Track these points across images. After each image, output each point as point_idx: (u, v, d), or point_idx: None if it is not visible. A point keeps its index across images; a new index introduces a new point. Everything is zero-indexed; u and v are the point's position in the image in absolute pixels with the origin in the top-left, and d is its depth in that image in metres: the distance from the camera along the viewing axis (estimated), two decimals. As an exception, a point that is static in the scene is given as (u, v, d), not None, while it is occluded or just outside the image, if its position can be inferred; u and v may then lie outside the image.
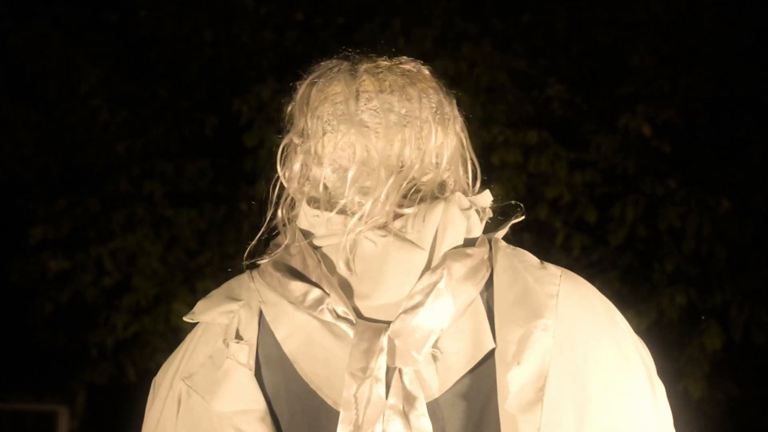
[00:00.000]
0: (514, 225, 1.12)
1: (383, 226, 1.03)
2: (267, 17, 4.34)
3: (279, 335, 1.03)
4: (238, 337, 1.04)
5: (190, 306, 1.04)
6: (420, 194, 1.06)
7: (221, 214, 4.29)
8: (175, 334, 4.21)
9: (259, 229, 1.10)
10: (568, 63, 4.17)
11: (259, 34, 4.35)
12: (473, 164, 1.14)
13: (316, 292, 1.02)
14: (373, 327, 1.00)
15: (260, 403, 1.02)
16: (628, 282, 3.89)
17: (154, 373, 1.12)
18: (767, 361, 4.15)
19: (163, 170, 4.31)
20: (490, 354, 1.01)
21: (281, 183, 1.11)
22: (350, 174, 1.05)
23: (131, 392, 4.74)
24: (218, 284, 1.14)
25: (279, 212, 1.10)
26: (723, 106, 3.94)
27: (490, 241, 1.08)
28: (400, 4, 4.25)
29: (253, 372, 1.03)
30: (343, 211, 1.05)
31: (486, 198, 1.11)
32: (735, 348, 3.83)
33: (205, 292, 4.29)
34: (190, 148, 4.42)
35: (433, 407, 1.00)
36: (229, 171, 4.45)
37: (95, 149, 4.35)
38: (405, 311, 1.00)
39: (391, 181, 1.04)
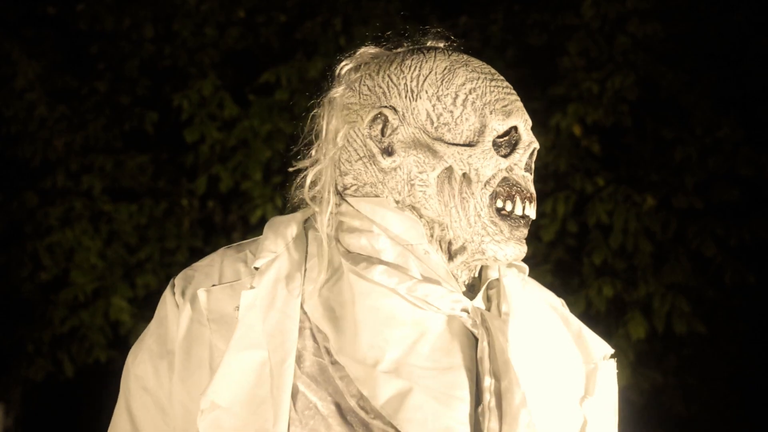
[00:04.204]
0: None
1: None
2: (208, 14, 4.33)
3: None
4: None
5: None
6: None
7: (161, 209, 4.27)
8: (113, 329, 4.18)
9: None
10: (503, 64, 4.26)
11: (201, 30, 4.34)
12: None
13: None
14: None
15: None
16: (559, 275, 4.01)
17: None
18: (687, 350, 4.34)
19: (103, 165, 4.28)
20: None
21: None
22: None
23: (68, 388, 4.69)
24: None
25: None
26: (647, 108, 4.07)
27: None
28: (342, 4, 4.29)
29: None
30: None
31: None
32: (657, 337, 4.00)
33: (144, 288, 4.30)
34: (130, 144, 4.40)
35: None
36: (170, 166, 4.44)
37: (32, 144, 4.29)
38: None
39: None
